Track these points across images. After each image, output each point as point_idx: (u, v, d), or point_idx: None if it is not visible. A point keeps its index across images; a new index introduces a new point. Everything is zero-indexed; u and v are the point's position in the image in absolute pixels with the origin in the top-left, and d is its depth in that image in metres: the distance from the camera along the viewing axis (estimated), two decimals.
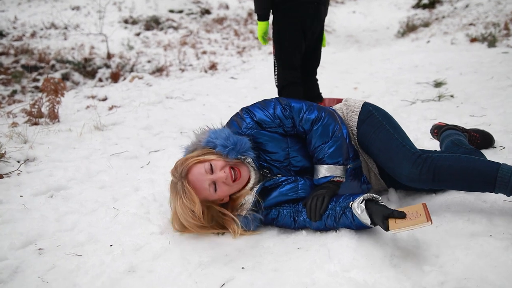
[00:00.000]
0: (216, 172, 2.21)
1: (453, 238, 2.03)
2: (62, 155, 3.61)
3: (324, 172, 2.27)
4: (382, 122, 2.44)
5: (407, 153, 2.27)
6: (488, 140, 3.01)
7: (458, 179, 2.15)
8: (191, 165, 2.21)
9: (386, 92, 5.49)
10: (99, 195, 2.85)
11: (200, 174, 2.20)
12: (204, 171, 2.20)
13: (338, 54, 11.13)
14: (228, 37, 13.30)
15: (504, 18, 10.53)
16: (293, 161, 2.37)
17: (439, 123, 3.13)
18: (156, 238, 2.29)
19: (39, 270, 2.02)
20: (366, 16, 18.14)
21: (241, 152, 2.25)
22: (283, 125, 2.33)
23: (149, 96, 6.03)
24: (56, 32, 11.38)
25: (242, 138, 2.27)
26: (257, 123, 2.33)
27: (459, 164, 2.15)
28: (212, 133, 2.31)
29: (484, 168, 2.11)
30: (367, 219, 2.01)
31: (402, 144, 2.33)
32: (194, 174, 2.20)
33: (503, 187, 2.06)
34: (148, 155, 3.72)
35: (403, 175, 2.26)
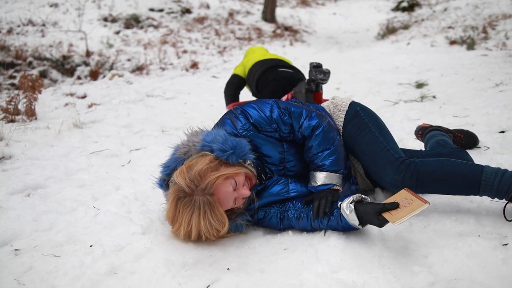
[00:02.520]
0: (239, 189, 2.12)
1: (441, 238, 2.01)
2: (39, 153, 3.51)
3: (323, 179, 2.21)
4: (368, 124, 2.40)
5: (391, 158, 2.25)
6: (472, 140, 3.02)
7: (441, 184, 2.14)
8: (219, 183, 2.04)
9: (368, 93, 5.50)
10: (79, 194, 2.77)
11: (228, 193, 2.08)
12: (232, 188, 2.09)
13: (319, 55, 11.16)
14: (209, 36, 13.22)
15: (482, 21, 10.68)
16: (288, 165, 2.31)
17: (423, 124, 3.13)
18: (138, 238, 2.22)
19: (15, 271, 1.93)
20: (346, 18, 18.27)
21: (241, 156, 2.13)
22: (279, 130, 2.25)
23: (129, 94, 5.94)
24: (33, 29, 11.16)
25: (240, 141, 2.14)
26: (253, 125, 2.23)
27: (442, 169, 2.14)
28: (207, 136, 2.17)
29: (468, 172, 2.10)
30: (355, 220, 1.97)
31: (387, 148, 2.29)
32: (222, 194, 2.06)
33: (488, 190, 2.06)
34: (129, 154, 3.65)
35: (386, 180, 2.24)
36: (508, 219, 2.04)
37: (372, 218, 1.93)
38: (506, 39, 8.36)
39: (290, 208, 2.24)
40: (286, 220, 2.24)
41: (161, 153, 3.56)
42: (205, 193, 2.02)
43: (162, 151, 3.62)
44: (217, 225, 2.04)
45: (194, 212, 2.01)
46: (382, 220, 1.90)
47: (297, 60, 9.70)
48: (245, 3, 18.55)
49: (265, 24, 15.85)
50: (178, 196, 2.05)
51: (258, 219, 2.30)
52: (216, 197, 2.04)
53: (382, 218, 1.90)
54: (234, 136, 2.20)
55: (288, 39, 14.22)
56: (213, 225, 2.03)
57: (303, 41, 14.32)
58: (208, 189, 2.02)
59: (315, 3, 21.24)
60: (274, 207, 2.28)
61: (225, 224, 2.05)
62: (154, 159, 3.45)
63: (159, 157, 3.48)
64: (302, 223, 2.19)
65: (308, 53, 11.58)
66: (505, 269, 1.74)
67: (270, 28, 15.45)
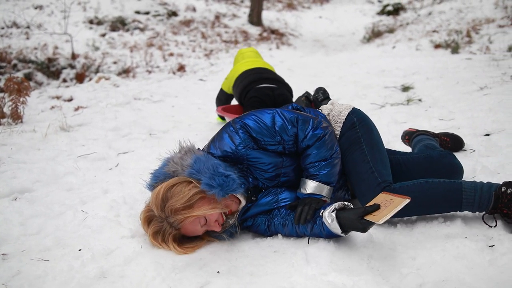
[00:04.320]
0: (210, 223, 2.13)
1: (429, 240, 2.04)
2: (26, 156, 3.48)
3: (313, 188, 2.20)
4: (360, 139, 2.37)
5: (372, 183, 2.23)
6: (458, 144, 3.06)
7: (424, 207, 2.17)
8: (186, 222, 2.09)
9: (355, 96, 5.53)
10: (66, 198, 2.75)
11: (195, 230, 2.13)
12: (200, 226, 2.12)
13: (306, 58, 11.19)
14: (195, 39, 13.20)
15: (465, 25, 10.81)
16: (282, 179, 2.31)
17: (409, 129, 3.16)
18: (127, 242, 2.21)
19: (3, 276, 1.91)
20: (332, 22, 18.37)
21: (228, 192, 2.09)
22: (283, 143, 2.23)
23: (116, 97, 5.91)
24: (18, 31, 11.05)
25: (229, 177, 2.09)
26: (253, 140, 2.20)
27: (421, 194, 2.15)
28: (196, 163, 2.12)
29: (448, 192, 2.13)
30: (337, 228, 1.97)
31: (372, 169, 2.27)
32: (189, 230, 2.12)
33: (470, 207, 2.12)
34: (116, 157, 3.63)
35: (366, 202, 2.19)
36: (491, 225, 2.08)
37: (354, 224, 1.92)
38: (489, 43, 8.47)
39: (277, 215, 2.24)
40: (272, 227, 2.24)
41: (149, 156, 3.55)
42: (172, 226, 2.09)
43: (150, 154, 3.60)
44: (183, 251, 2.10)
45: (161, 235, 2.11)
46: (365, 224, 1.89)
47: (283, 63, 9.72)
48: (231, 6, 18.56)
49: (251, 27, 15.88)
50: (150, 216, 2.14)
51: (246, 226, 2.31)
52: (183, 231, 2.12)
53: (365, 222, 1.89)
54: (232, 154, 2.18)
55: (275, 42, 14.25)
56: (178, 251, 2.09)
57: (289, 44, 14.36)
58: (175, 224, 2.09)
59: (301, 7, 21.32)
60: (261, 215, 2.29)
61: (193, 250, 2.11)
62: (142, 162, 3.44)
63: (147, 160, 3.48)
64: (287, 230, 2.19)
65: (295, 56, 11.61)
66: (492, 270, 1.77)
67: (256, 31, 15.47)
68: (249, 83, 4.32)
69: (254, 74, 4.41)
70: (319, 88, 3.84)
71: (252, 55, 4.98)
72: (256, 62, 4.71)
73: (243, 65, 4.67)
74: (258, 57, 5.03)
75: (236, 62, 5.02)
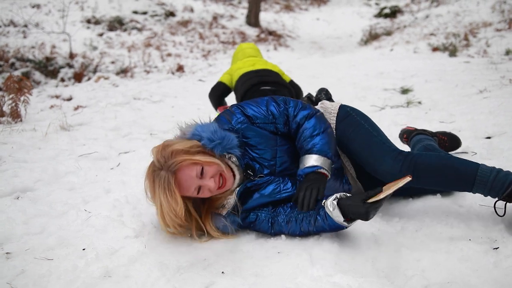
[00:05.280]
0: (205, 178, 2.12)
1: (433, 242, 2.04)
2: (27, 155, 3.46)
3: (312, 161, 2.18)
4: (361, 122, 2.44)
5: (388, 150, 2.28)
6: (455, 142, 3.07)
7: (437, 176, 2.17)
8: (184, 164, 2.09)
9: (355, 98, 5.54)
10: (69, 197, 2.74)
11: (190, 177, 2.10)
12: (195, 174, 2.10)
13: (303, 60, 11.22)
14: (193, 40, 13.20)
15: (463, 29, 10.86)
16: (279, 160, 2.31)
17: (407, 127, 3.16)
18: (131, 241, 2.21)
19: (7, 275, 1.90)
20: (330, 24, 18.40)
21: (227, 148, 2.18)
22: (275, 121, 2.29)
23: (116, 97, 5.90)
24: (15, 30, 11.01)
25: (229, 134, 2.19)
26: (248, 118, 2.29)
27: (439, 162, 2.17)
28: (199, 127, 2.22)
29: (464, 166, 2.13)
30: (339, 216, 1.98)
31: (382, 141, 2.34)
32: (184, 176, 2.09)
33: (482, 187, 2.09)
34: (117, 157, 3.62)
35: (384, 170, 2.25)
36: (500, 215, 2.08)
37: (357, 209, 1.94)
38: (487, 46, 8.52)
39: (281, 213, 2.24)
40: (276, 225, 2.24)
41: (150, 156, 3.54)
42: (169, 170, 2.07)
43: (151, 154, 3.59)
44: (172, 202, 2.07)
45: (158, 185, 2.08)
46: (367, 207, 1.91)
47: (281, 64, 9.69)
48: (229, 7, 18.57)
49: (249, 28, 15.89)
50: (152, 169, 2.14)
51: (250, 222, 2.30)
52: (178, 177, 2.08)
53: (367, 204, 1.91)
54: (228, 131, 2.23)
55: (272, 43, 14.27)
56: (169, 201, 2.06)
57: (287, 46, 14.39)
58: (172, 167, 2.07)
59: (299, 8, 21.36)
60: (266, 210, 2.28)
61: (178, 203, 2.07)
62: (144, 162, 3.42)
63: (149, 160, 3.45)
64: (291, 227, 2.19)
65: (292, 58, 11.64)
66: (497, 273, 1.78)
67: (254, 32, 15.49)
68: (251, 86, 4.34)
69: (257, 77, 4.42)
70: (322, 89, 3.85)
71: (253, 52, 4.99)
72: (258, 62, 4.71)
73: (246, 63, 4.67)
74: (259, 55, 5.03)
75: (236, 58, 5.02)
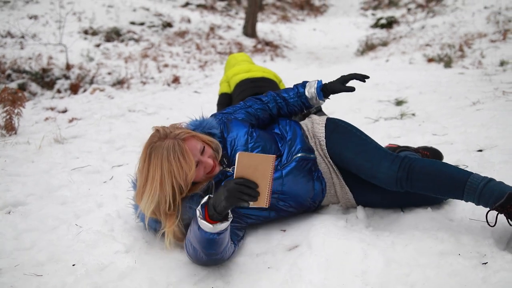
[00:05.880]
0: (205, 156, 2.20)
1: (423, 257, 2.04)
2: (19, 168, 3.46)
3: (312, 84, 2.65)
4: (351, 130, 2.51)
5: (385, 154, 2.34)
6: (437, 157, 3.09)
7: (430, 180, 2.21)
8: (190, 136, 2.19)
9: (349, 110, 5.55)
10: (60, 212, 2.73)
11: (196, 148, 2.17)
12: (199, 148, 2.19)
13: (300, 70, 11.24)
14: (190, 50, 13.25)
15: (458, 40, 10.92)
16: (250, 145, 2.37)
17: (389, 145, 3.20)
18: (121, 257, 2.21)
19: None
20: (326, 34, 18.47)
21: (207, 128, 2.35)
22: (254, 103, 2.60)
23: (111, 109, 5.91)
24: (12, 41, 11.04)
25: (208, 119, 2.42)
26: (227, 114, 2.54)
27: (433, 167, 2.22)
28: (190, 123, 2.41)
29: (456, 173, 2.18)
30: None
31: (378, 147, 2.40)
32: (190, 145, 2.16)
33: (471, 194, 2.10)
34: (111, 170, 3.62)
35: (381, 172, 2.29)
36: (490, 225, 2.09)
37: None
38: (482, 57, 8.56)
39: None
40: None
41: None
42: (176, 138, 2.12)
43: None
44: (186, 165, 2.08)
45: (164, 153, 2.07)
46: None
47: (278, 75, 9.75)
48: (226, 18, 18.66)
49: (246, 39, 15.96)
50: (150, 141, 2.15)
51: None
52: (187, 142, 2.15)
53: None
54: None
55: (269, 54, 14.33)
56: (182, 164, 2.07)
57: (283, 56, 14.44)
58: (180, 136, 2.14)
59: (296, 19, 21.46)
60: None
61: (191, 168, 2.09)
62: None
63: None
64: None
65: (289, 68, 11.66)
66: None
67: (251, 43, 15.55)
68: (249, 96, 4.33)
69: (252, 88, 4.40)
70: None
71: (245, 57, 5.01)
72: (253, 68, 4.69)
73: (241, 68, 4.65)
74: (252, 62, 5.03)
75: (230, 64, 4.99)
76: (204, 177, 2.24)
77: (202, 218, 1.88)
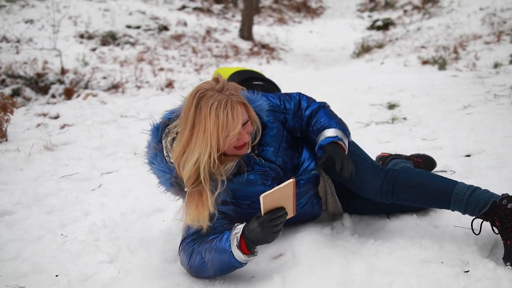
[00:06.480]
0: (245, 129, 2.10)
1: (406, 265, 2.04)
2: (8, 177, 3.46)
3: (332, 133, 2.24)
4: None
5: (370, 167, 2.34)
6: (430, 164, 3.08)
7: (415, 192, 2.22)
8: (242, 103, 2.06)
9: (341, 114, 5.51)
10: (46, 221, 2.74)
11: (242, 115, 2.04)
12: (244, 118, 2.06)
13: (296, 73, 11.25)
14: (186, 54, 13.24)
15: (453, 42, 10.93)
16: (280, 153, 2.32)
17: (382, 154, 3.19)
18: (105, 267, 2.21)
19: None
20: (323, 36, 18.48)
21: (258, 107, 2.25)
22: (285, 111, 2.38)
23: (103, 115, 5.90)
24: (7, 46, 11.02)
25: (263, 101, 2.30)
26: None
27: (418, 178, 2.23)
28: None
29: (441, 183, 2.18)
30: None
31: (365, 159, 2.41)
32: (239, 111, 2.01)
33: (458, 204, 2.12)
34: (100, 177, 3.62)
35: (366, 186, 2.30)
36: (476, 233, 2.09)
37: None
38: (476, 59, 8.56)
39: None
40: None
41: (132, 177, 3.54)
42: (230, 96, 1.99)
43: (134, 174, 3.59)
44: (232, 123, 1.97)
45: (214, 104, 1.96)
46: (260, 222, 1.87)
47: (273, 78, 9.72)
48: (222, 21, 18.67)
49: (242, 41, 15.96)
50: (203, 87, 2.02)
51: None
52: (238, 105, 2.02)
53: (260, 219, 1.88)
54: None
55: (265, 56, 14.33)
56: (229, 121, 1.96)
57: (279, 59, 14.44)
58: (234, 97, 2.00)
59: (292, 21, 21.48)
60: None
61: (236, 127, 1.98)
62: (125, 183, 3.43)
63: (131, 181, 3.47)
64: None
65: (285, 71, 11.67)
66: None
67: (247, 45, 15.56)
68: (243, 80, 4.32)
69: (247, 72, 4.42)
70: None
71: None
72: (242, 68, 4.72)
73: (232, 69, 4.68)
74: None
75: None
76: (232, 150, 2.14)
77: (238, 247, 1.90)
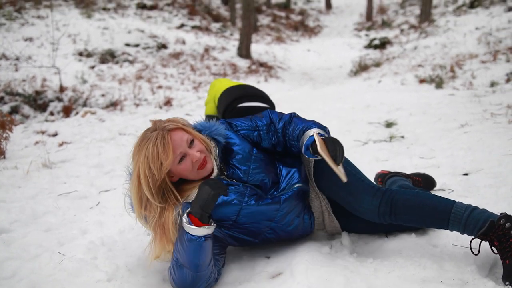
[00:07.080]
0: (193, 149, 2.17)
1: (405, 284, 2.03)
2: (6, 195, 3.46)
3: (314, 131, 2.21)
4: None
5: (367, 187, 2.33)
6: (430, 183, 3.09)
7: (414, 213, 2.21)
8: (177, 127, 2.17)
9: (339, 132, 5.56)
10: (44, 239, 2.72)
11: (181, 139, 2.14)
12: (186, 139, 2.16)
13: (293, 92, 11.30)
14: (184, 72, 13.31)
15: (449, 60, 11.01)
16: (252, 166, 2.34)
17: (381, 171, 3.20)
18: (103, 286, 2.20)
19: None
20: (320, 55, 18.60)
21: (214, 133, 2.32)
22: (258, 128, 2.41)
23: (101, 132, 5.91)
24: (6, 63, 11.07)
25: (219, 125, 2.37)
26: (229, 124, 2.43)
27: (416, 199, 2.22)
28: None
29: (440, 203, 2.18)
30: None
31: (361, 179, 2.38)
32: (175, 136, 2.13)
33: (456, 224, 2.12)
34: (98, 195, 3.61)
35: (363, 207, 2.30)
36: (475, 254, 2.09)
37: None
38: (472, 78, 8.62)
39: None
40: None
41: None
42: (163, 129, 2.12)
43: None
44: (162, 154, 2.06)
45: (149, 140, 2.09)
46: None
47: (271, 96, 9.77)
48: (221, 39, 18.79)
49: (240, 60, 16.05)
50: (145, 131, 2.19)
51: None
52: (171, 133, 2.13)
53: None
54: None
55: (263, 75, 14.40)
56: (159, 152, 2.06)
57: (277, 77, 14.51)
58: (166, 127, 2.14)
59: (290, 40, 21.63)
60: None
61: (169, 156, 2.07)
62: (123, 201, 3.42)
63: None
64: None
65: (282, 90, 11.72)
66: None
67: (245, 64, 15.64)
68: (233, 100, 4.32)
69: (239, 90, 4.43)
70: None
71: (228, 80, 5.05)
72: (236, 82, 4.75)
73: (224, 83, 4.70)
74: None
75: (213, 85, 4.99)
76: (195, 173, 2.21)
77: (189, 223, 1.99)
